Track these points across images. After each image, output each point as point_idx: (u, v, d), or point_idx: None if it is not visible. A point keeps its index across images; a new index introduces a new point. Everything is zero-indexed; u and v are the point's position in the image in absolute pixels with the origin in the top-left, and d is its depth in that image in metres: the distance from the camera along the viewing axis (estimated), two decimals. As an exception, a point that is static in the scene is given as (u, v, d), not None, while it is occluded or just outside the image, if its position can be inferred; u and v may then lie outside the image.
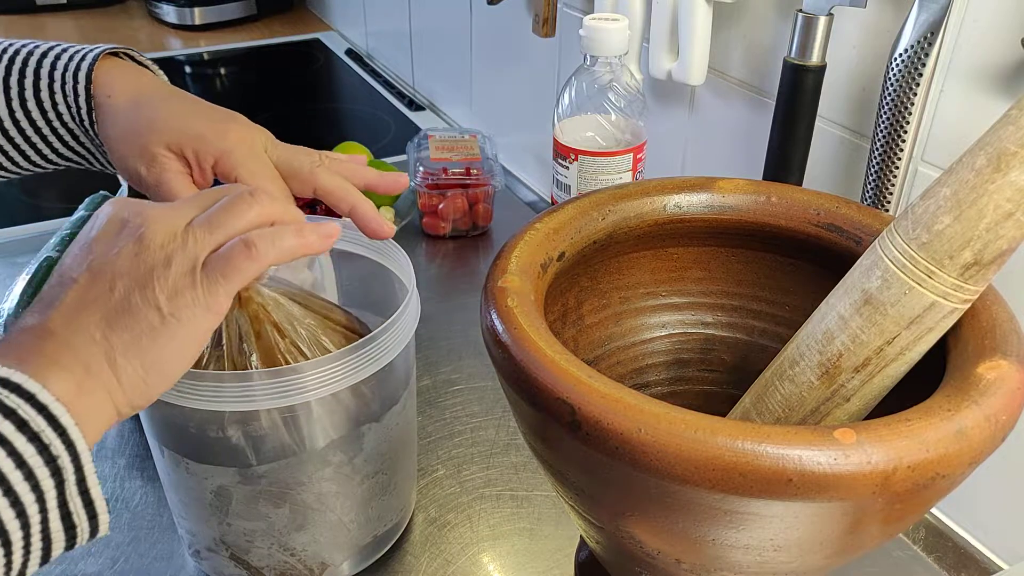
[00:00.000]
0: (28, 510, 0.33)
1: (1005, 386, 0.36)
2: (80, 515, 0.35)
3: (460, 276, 0.94)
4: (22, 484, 0.33)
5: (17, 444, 0.33)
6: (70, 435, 0.34)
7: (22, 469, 0.33)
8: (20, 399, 0.33)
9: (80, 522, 0.35)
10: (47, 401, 0.34)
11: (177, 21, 1.72)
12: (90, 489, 0.35)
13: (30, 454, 0.33)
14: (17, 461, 0.33)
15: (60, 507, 0.34)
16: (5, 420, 0.33)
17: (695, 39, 0.73)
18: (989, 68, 0.54)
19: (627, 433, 0.34)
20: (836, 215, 0.48)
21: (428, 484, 0.66)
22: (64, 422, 0.34)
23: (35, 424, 0.33)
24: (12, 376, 0.34)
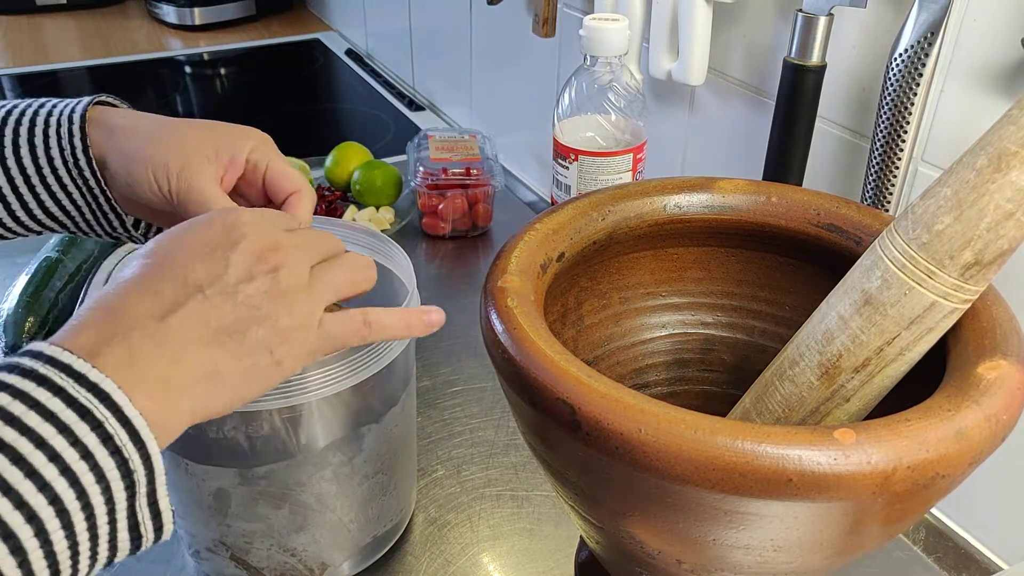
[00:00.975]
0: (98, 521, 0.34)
1: (1005, 386, 0.36)
2: (147, 525, 0.36)
3: (460, 276, 0.94)
4: (98, 497, 0.33)
5: (99, 457, 0.33)
6: (148, 449, 0.35)
7: (100, 483, 0.33)
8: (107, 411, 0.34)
9: (146, 532, 0.36)
10: (132, 415, 0.34)
11: (177, 21, 1.72)
12: (159, 500, 0.36)
13: (109, 468, 0.33)
14: (97, 476, 0.33)
15: (129, 517, 0.35)
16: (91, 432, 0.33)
17: (695, 39, 0.73)
18: (989, 68, 0.54)
19: (627, 433, 0.34)
20: (836, 215, 0.48)
21: (428, 484, 0.66)
22: (145, 437, 0.35)
23: (118, 439, 0.34)
24: (102, 382, 0.34)
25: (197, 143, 0.50)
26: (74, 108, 0.51)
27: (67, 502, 0.32)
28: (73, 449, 0.33)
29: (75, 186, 0.51)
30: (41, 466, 0.32)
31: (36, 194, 0.51)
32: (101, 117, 0.51)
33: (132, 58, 1.58)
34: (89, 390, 0.34)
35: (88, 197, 0.52)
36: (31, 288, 0.79)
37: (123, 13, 1.82)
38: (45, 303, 0.78)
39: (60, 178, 0.51)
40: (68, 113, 0.51)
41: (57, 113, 0.51)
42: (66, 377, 0.34)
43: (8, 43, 1.63)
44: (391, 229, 0.97)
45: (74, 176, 0.51)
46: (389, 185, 0.99)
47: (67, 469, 0.32)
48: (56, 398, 0.33)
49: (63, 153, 0.50)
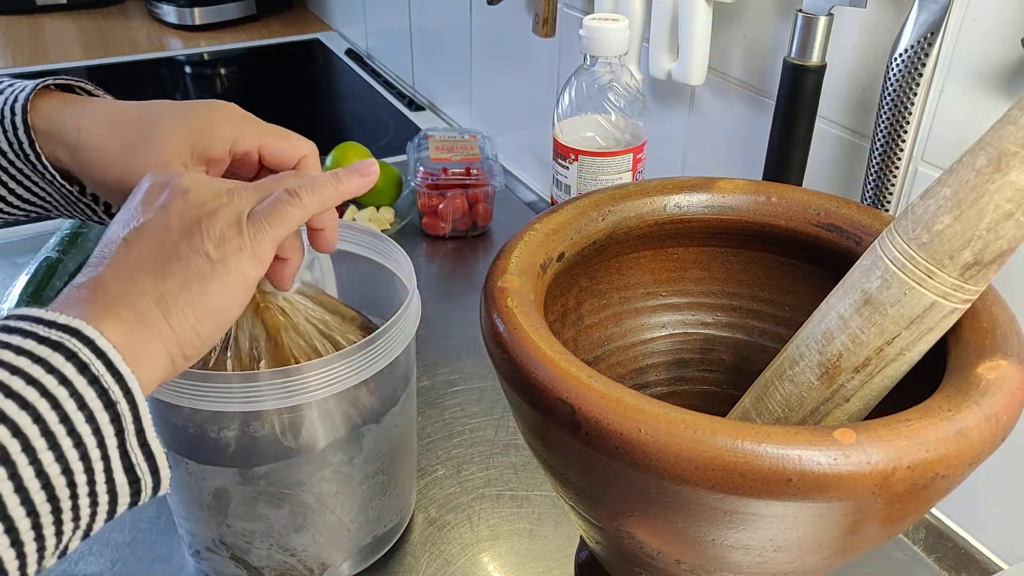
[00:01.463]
0: (91, 454, 0.33)
1: (1005, 386, 0.36)
2: (142, 467, 0.35)
3: (460, 276, 0.94)
4: (83, 426, 0.33)
5: (78, 385, 0.33)
6: (128, 382, 0.35)
7: (83, 411, 0.33)
8: (80, 343, 0.34)
9: (143, 475, 0.36)
10: (105, 348, 0.34)
11: (177, 21, 1.72)
12: (149, 441, 0.35)
13: (91, 397, 0.33)
14: (79, 403, 0.33)
15: (122, 456, 0.34)
16: (67, 362, 0.33)
17: (695, 39, 0.73)
18: (989, 68, 0.54)
19: (627, 433, 0.34)
20: (836, 215, 0.48)
21: (428, 484, 0.66)
22: (121, 369, 0.34)
23: (95, 368, 0.34)
24: (71, 322, 0.34)
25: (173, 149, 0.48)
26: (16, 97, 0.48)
27: (51, 423, 0.32)
28: (51, 376, 0.32)
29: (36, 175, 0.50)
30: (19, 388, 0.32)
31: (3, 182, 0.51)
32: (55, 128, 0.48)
33: (132, 58, 1.58)
34: (60, 330, 0.34)
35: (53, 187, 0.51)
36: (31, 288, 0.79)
37: (123, 13, 1.82)
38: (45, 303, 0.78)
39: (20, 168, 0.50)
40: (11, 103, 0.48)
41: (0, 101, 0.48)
42: (35, 323, 0.34)
43: (8, 43, 1.63)
44: (391, 229, 0.97)
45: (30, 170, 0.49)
46: (389, 185, 0.99)
47: (47, 392, 0.32)
48: (28, 339, 0.33)
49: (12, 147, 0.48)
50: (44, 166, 0.48)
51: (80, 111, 0.49)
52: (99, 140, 0.48)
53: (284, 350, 0.49)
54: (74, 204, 0.52)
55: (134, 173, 0.46)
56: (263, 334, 0.49)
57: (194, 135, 0.48)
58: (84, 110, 0.49)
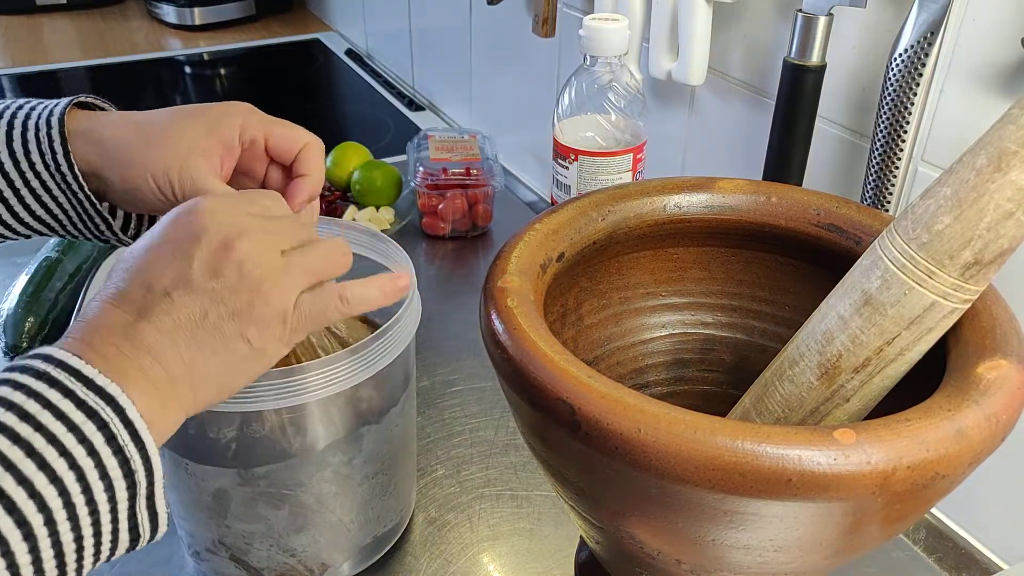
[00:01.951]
0: (102, 519, 0.35)
1: (1005, 386, 0.36)
2: (145, 526, 0.38)
3: (460, 276, 0.94)
4: (101, 495, 0.35)
5: (103, 455, 0.35)
6: (148, 451, 0.37)
7: (104, 481, 0.35)
8: (112, 412, 0.36)
9: (144, 532, 0.38)
10: (133, 418, 0.36)
11: (177, 21, 1.72)
12: (157, 503, 0.38)
13: (112, 466, 0.35)
14: (101, 473, 0.35)
15: (130, 518, 0.37)
16: (98, 432, 0.35)
17: (695, 39, 0.73)
18: (989, 68, 0.54)
19: (627, 433, 0.34)
20: (836, 215, 0.48)
21: (428, 484, 0.66)
22: (145, 439, 0.36)
23: (121, 439, 0.35)
24: (108, 387, 0.36)
25: (190, 140, 0.50)
26: (52, 111, 0.50)
27: (73, 495, 0.34)
28: (81, 447, 0.34)
29: (60, 190, 0.51)
30: (52, 460, 0.34)
31: (21, 197, 0.51)
32: (87, 129, 0.50)
33: (132, 58, 1.58)
34: (96, 393, 0.35)
35: (73, 201, 0.51)
36: (31, 288, 0.79)
37: (123, 13, 1.82)
38: (45, 303, 0.78)
39: (44, 182, 0.51)
40: (47, 117, 0.50)
41: (36, 117, 0.50)
42: (75, 381, 0.35)
43: (8, 43, 1.63)
44: (391, 229, 0.97)
45: (58, 181, 0.50)
46: (389, 185, 0.99)
47: (74, 464, 0.34)
48: (67, 399, 0.35)
49: (44, 158, 0.50)
50: (75, 175, 0.50)
51: (108, 116, 0.52)
52: (122, 131, 0.50)
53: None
54: (88, 219, 0.52)
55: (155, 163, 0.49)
56: None
57: (208, 125, 0.50)
58: (111, 115, 0.52)
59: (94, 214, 0.52)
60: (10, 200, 0.51)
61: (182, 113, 0.51)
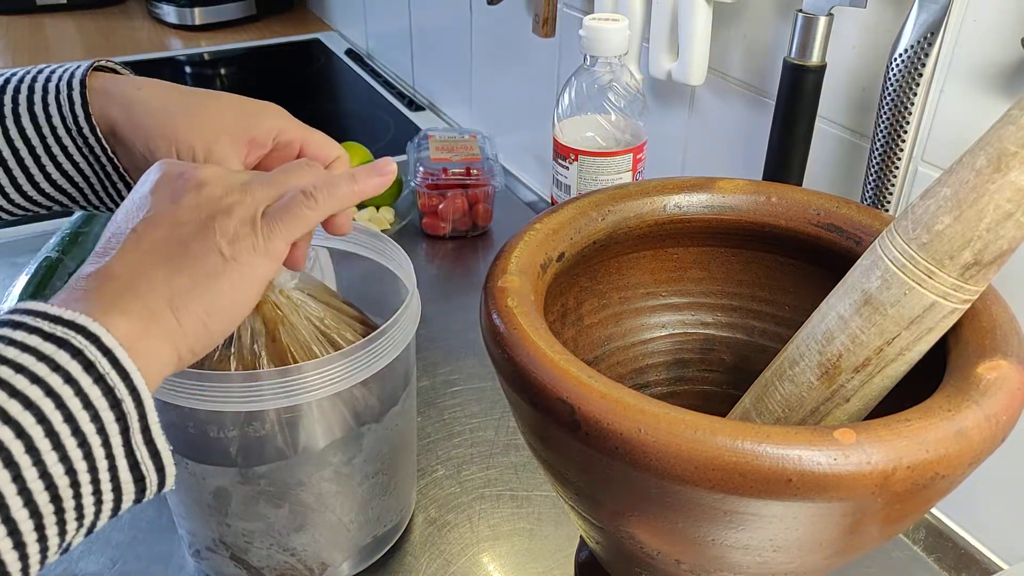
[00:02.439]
0: (95, 453, 0.33)
1: (1005, 386, 0.36)
2: (147, 465, 0.35)
3: (460, 276, 0.94)
4: (88, 425, 0.33)
5: (83, 383, 0.33)
6: (133, 380, 0.34)
7: (88, 410, 0.33)
8: (86, 340, 0.33)
9: (148, 472, 0.35)
10: (111, 345, 0.34)
11: (177, 21, 1.72)
12: (155, 438, 0.35)
13: (95, 395, 0.33)
14: (84, 402, 0.33)
15: (127, 455, 0.34)
16: (72, 359, 0.33)
17: (695, 39, 0.73)
18: (989, 68, 0.54)
19: (627, 433, 0.34)
20: (836, 215, 0.48)
21: (428, 484, 0.66)
22: (127, 366, 0.34)
23: (100, 366, 0.33)
24: (77, 318, 0.34)
25: (220, 123, 0.49)
26: (73, 73, 0.50)
27: (55, 423, 0.32)
28: (56, 375, 0.32)
29: (80, 155, 0.50)
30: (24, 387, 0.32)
31: (41, 165, 0.50)
32: (110, 88, 0.50)
33: (132, 58, 1.58)
34: (65, 326, 0.34)
35: (96, 166, 0.51)
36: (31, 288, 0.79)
37: (123, 13, 1.82)
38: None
39: (65, 147, 0.50)
40: (67, 79, 0.50)
41: (56, 79, 0.50)
42: (39, 319, 0.34)
43: (8, 43, 1.63)
44: (391, 229, 0.97)
45: (79, 144, 0.50)
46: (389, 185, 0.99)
47: (51, 392, 0.32)
48: (33, 335, 0.33)
49: (65, 121, 0.49)
50: (97, 137, 0.49)
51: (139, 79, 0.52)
52: (158, 99, 0.50)
53: (281, 345, 0.49)
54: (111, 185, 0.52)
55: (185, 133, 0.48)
56: (263, 329, 0.49)
57: (246, 117, 0.50)
58: (143, 79, 0.52)
59: (116, 179, 0.51)
60: (31, 168, 0.50)
61: (220, 97, 0.51)
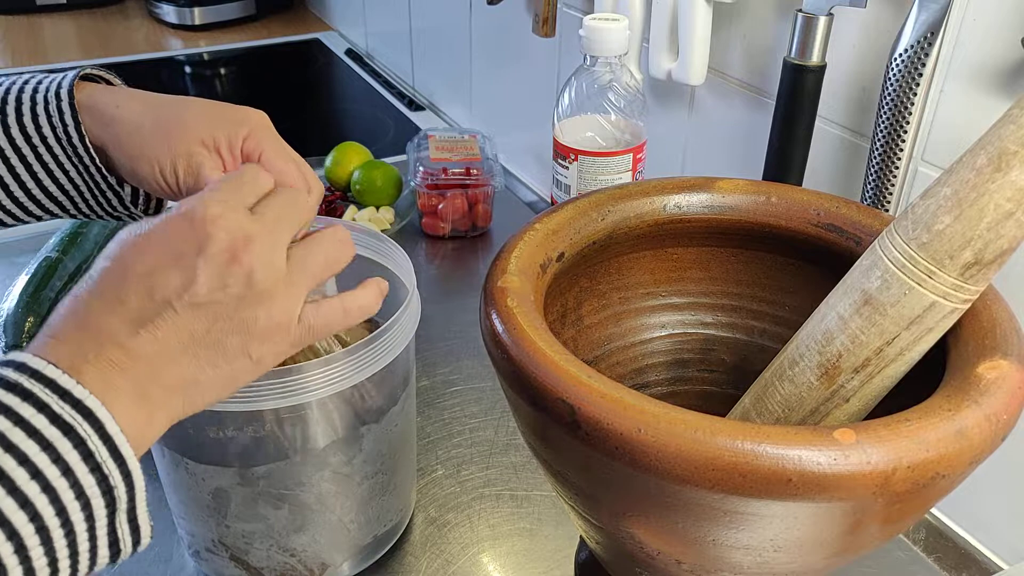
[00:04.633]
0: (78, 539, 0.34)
1: (1005, 386, 0.36)
2: (126, 540, 0.36)
3: (460, 276, 0.94)
4: (78, 514, 0.33)
5: (79, 474, 0.33)
6: (128, 466, 0.35)
7: (80, 500, 0.33)
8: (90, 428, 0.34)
9: (125, 546, 0.36)
10: (113, 432, 0.34)
11: (177, 21, 1.72)
12: (139, 517, 0.36)
13: (89, 485, 0.34)
14: (77, 493, 0.33)
15: (109, 534, 0.35)
16: (73, 450, 0.33)
17: (695, 39, 0.73)
18: (989, 68, 0.54)
19: (627, 433, 0.34)
20: (836, 215, 0.48)
21: (428, 484, 0.66)
22: (124, 454, 0.34)
23: (99, 455, 0.34)
24: (86, 399, 0.34)
25: (196, 133, 0.49)
26: (60, 83, 0.50)
27: (47, 519, 0.32)
28: (55, 467, 0.33)
29: (71, 164, 0.50)
30: (23, 483, 0.32)
31: (33, 173, 0.50)
32: (94, 103, 0.50)
33: (132, 58, 1.58)
34: (73, 407, 0.34)
35: (85, 176, 0.51)
36: (31, 288, 0.79)
37: (123, 13, 1.82)
38: (45, 303, 0.78)
39: (56, 156, 0.50)
40: (55, 91, 0.49)
41: (44, 90, 0.50)
42: (50, 393, 0.33)
43: (8, 43, 1.63)
44: (391, 229, 0.97)
45: (69, 154, 0.50)
46: (389, 185, 0.99)
47: (48, 487, 0.32)
48: (40, 414, 0.33)
49: (55, 131, 0.49)
50: (86, 147, 0.49)
51: (117, 92, 0.51)
52: (134, 115, 0.49)
53: None
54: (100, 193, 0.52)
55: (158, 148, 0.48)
56: None
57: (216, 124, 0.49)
58: (121, 92, 0.51)
59: (106, 188, 0.51)
60: (23, 176, 0.50)
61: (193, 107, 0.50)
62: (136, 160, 0.49)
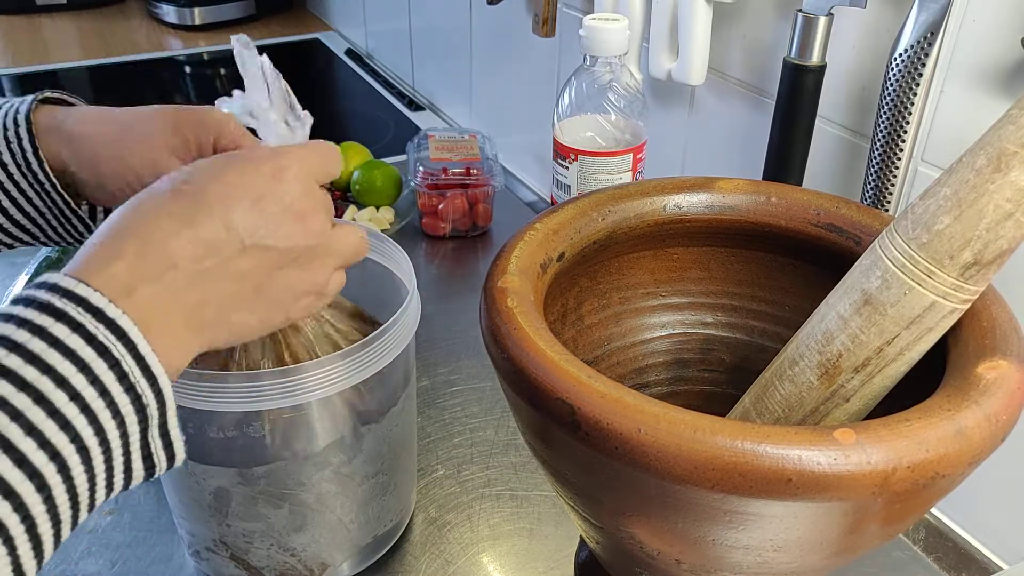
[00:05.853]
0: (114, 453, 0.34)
1: (1005, 386, 0.36)
2: (159, 454, 0.37)
3: (460, 276, 0.94)
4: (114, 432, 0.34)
5: (114, 393, 0.34)
6: (160, 385, 0.36)
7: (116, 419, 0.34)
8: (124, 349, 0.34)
9: (159, 461, 0.37)
10: (145, 352, 0.35)
11: (177, 21, 1.72)
12: (171, 431, 0.37)
13: (124, 403, 0.34)
14: (113, 411, 0.34)
15: (142, 447, 0.36)
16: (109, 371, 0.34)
17: (695, 39, 0.73)
18: (989, 68, 0.54)
19: (627, 433, 0.34)
20: (836, 215, 0.48)
21: (428, 484, 0.66)
22: (157, 372, 0.35)
23: (132, 376, 0.35)
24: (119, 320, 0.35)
25: (162, 140, 0.49)
26: (19, 109, 0.50)
27: (86, 439, 0.33)
28: (92, 388, 0.33)
29: (33, 191, 0.50)
30: (63, 405, 0.33)
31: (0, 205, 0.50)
32: (56, 124, 0.50)
33: (132, 58, 1.58)
34: (107, 327, 0.34)
35: (48, 202, 0.50)
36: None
37: (123, 13, 1.82)
38: (45, 303, 0.78)
39: (17, 183, 0.50)
40: (13, 116, 0.49)
41: (2, 116, 0.50)
42: (84, 312, 0.34)
43: (8, 43, 1.63)
44: (391, 229, 0.97)
45: (30, 181, 0.50)
46: (389, 185, 0.99)
47: (87, 407, 0.33)
48: (75, 334, 0.33)
49: (14, 157, 0.49)
50: (46, 173, 0.49)
51: (77, 110, 0.51)
52: (96, 131, 0.50)
53: (281, 345, 0.49)
54: (66, 221, 0.52)
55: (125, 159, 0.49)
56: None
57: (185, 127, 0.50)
58: (80, 109, 0.52)
59: (70, 214, 0.51)
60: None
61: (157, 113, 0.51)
62: (102, 176, 0.49)
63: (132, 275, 0.36)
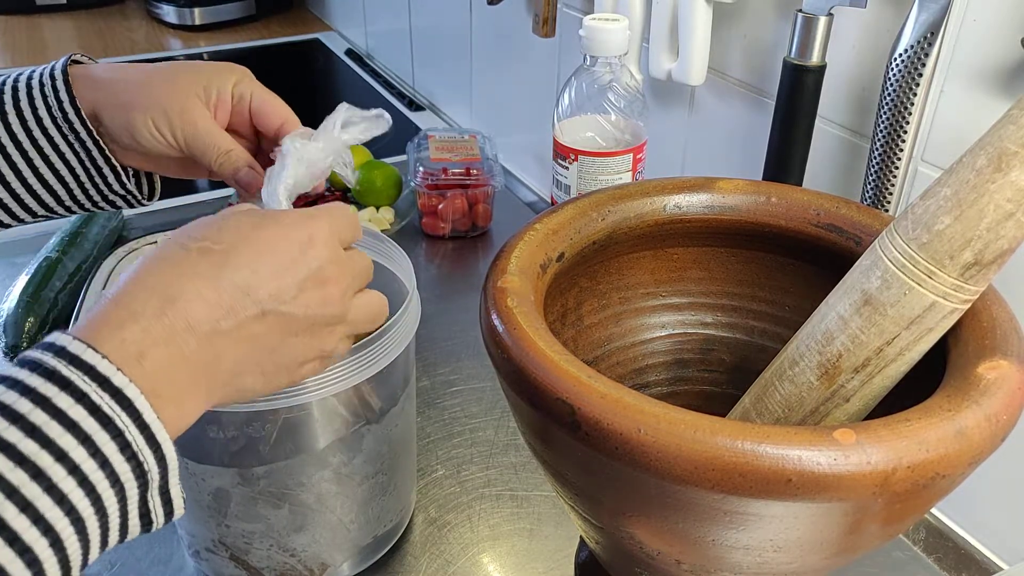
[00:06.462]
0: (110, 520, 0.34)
1: (1005, 386, 0.36)
2: (157, 512, 0.36)
3: (460, 276, 0.94)
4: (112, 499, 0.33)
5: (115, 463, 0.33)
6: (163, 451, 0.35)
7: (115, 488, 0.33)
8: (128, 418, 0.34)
9: (157, 518, 0.36)
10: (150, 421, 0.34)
11: (177, 21, 1.72)
12: (171, 491, 0.36)
13: (124, 471, 0.34)
14: (112, 480, 0.33)
15: (140, 507, 0.35)
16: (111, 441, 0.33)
17: (695, 39, 0.73)
18: (989, 68, 0.54)
19: (627, 433, 0.34)
20: (836, 215, 0.48)
21: (428, 484, 0.66)
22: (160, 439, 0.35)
23: (136, 445, 0.34)
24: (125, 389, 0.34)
25: (187, 85, 0.51)
26: (54, 67, 0.52)
27: (82, 510, 0.32)
28: (93, 460, 0.33)
29: (66, 143, 0.51)
30: (60, 479, 0.32)
31: (29, 159, 0.51)
32: (85, 72, 0.52)
33: (132, 58, 1.58)
34: (112, 396, 0.33)
35: (82, 154, 0.52)
36: (31, 288, 0.79)
37: (123, 13, 1.82)
38: (45, 303, 0.78)
39: (51, 137, 0.51)
40: (49, 71, 0.52)
41: (38, 75, 0.52)
42: (90, 381, 0.33)
43: (8, 43, 1.63)
44: (391, 229, 0.97)
45: (64, 132, 0.51)
46: (389, 185, 0.99)
47: (85, 480, 0.32)
48: (79, 405, 0.33)
49: (51, 110, 0.51)
50: (82, 120, 0.51)
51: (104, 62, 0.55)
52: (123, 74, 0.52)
53: None
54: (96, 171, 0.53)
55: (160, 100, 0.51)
56: None
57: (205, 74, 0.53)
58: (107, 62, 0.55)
59: (103, 163, 0.52)
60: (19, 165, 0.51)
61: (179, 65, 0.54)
62: (130, 112, 0.51)
63: (146, 338, 0.35)
